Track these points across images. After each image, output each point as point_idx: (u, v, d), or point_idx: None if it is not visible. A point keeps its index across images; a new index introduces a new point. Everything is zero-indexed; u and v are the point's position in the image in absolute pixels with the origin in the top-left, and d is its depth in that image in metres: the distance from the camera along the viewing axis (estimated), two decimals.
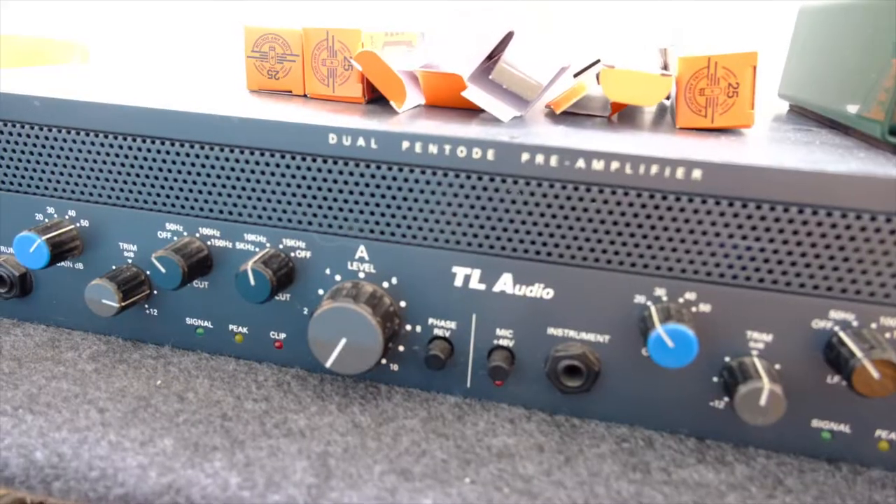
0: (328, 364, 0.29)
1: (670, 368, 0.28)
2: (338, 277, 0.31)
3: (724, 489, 0.26)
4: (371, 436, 0.28)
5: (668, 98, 0.41)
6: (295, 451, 0.27)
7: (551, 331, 0.29)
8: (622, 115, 0.38)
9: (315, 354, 0.29)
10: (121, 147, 0.31)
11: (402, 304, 0.30)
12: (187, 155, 0.31)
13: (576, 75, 0.39)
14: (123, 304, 0.32)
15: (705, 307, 0.27)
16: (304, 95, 0.37)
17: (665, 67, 0.42)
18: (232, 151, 0.30)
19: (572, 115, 0.37)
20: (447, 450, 0.27)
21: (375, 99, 0.37)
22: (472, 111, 0.35)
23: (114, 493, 0.25)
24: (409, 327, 0.31)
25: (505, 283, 0.29)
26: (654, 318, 0.26)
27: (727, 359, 0.28)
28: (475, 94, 0.33)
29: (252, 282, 0.29)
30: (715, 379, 0.28)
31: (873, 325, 0.26)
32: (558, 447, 0.28)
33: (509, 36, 0.34)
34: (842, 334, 0.26)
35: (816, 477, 0.27)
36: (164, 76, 0.43)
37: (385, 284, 0.30)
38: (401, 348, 0.31)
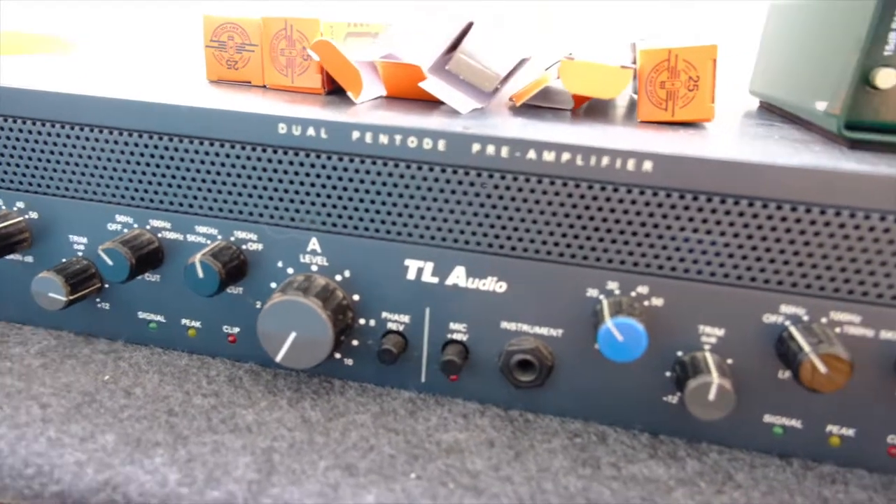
0: (278, 358, 0.29)
1: (621, 362, 0.28)
2: (290, 270, 0.30)
3: (672, 484, 0.26)
4: (319, 431, 0.28)
5: (636, 92, 0.41)
6: (239, 446, 0.26)
7: (505, 325, 0.29)
8: (590, 109, 0.38)
9: (265, 348, 0.29)
10: (68, 136, 0.31)
11: (356, 297, 0.30)
12: (136, 145, 0.30)
13: (548, 69, 0.38)
14: (71, 297, 0.31)
15: (657, 301, 0.27)
16: (264, 86, 0.37)
17: (634, 62, 0.41)
18: (181, 141, 0.29)
19: (536, 108, 0.36)
20: (396, 445, 0.27)
21: (337, 90, 0.37)
22: (433, 103, 0.35)
23: (49, 491, 0.24)
24: (362, 321, 0.30)
25: (458, 277, 0.29)
26: (604, 312, 0.26)
27: (680, 353, 0.27)
28: (434, 86, 0.33)
29: (200, 274, 0.29)
30: (668, 374, 0.28)
31: (824, 320, 0.26)
32: (509, 442, 0.28)
33: (469, 27, 0.34)
34: (792, 329, 0.26)
35: (767, 472, 0.27)
36: (126, 67, 0.42)
37: (338, 277, 0.30)
38: (354, 342, 0.31)
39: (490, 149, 0.26)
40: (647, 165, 0.25)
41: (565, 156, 0.26)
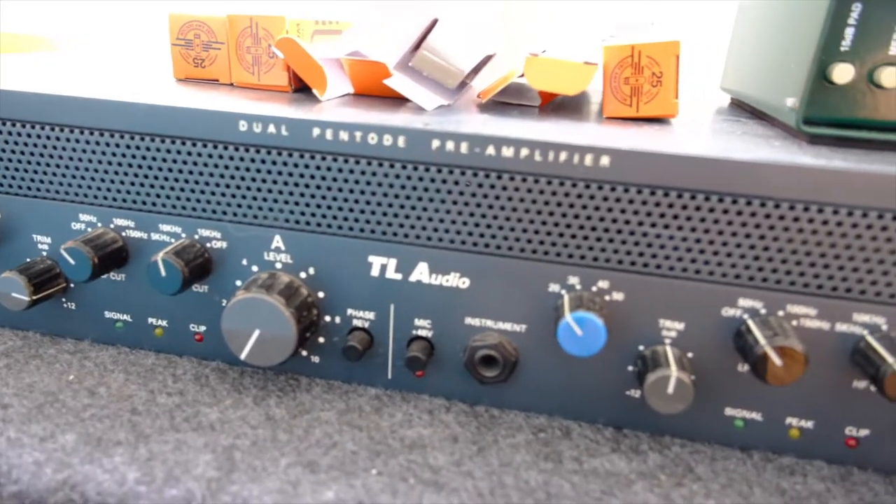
0: (242, 356, 0.29)
1: (581, 357, 0.28)
2: (255, 268, 0.30)
3: (633, 477, 0.26)
4: (283, 428, 0.28)
5: None
6: (201, 444, 0.26)
7: (469, 320, 0.29)
8: (560, 106, 0.38)
9: (230, 346, 0.29)
10: (29, 136, 0.30)
11: (321, 294, 0.30)
12: (97, 143, 0.30)
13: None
14: (35, 297, 0.31)
15: (618, 295, 0.27)
16: (232, 84, 0.37)
17: None
18: (143, 139, 0.29)
19: (504, 105, 0.36)
20: (359, 441, 0.27)
21: (305, 88, 0.36)
22: (400, 100, 0.35)
23: (7, 491, 0.24)
24: (328, 318, 0.30)
25: (421, 273, 0.29)
26: (565, 307, 0.26)
27: (641, 347, 0.28)
28: (399, 82, 0.33)
29: (163, 273, 0.29)
30: (630, 368, 0.28)
31: (780, 313, 0.26)
32: (473, 438, 0.28)
33: (434, 24, 0.34)
34: (749, 322, 0.26)
35: (727, 465, 0.27)
36: (96, 66, 0.42)
37: (303, 275, 0.30)
38: (321, 340, 0.31)
39: (449, 145, 0.26)
40: (605, 160, 0.25)
41: (524, 151, 0.26)
